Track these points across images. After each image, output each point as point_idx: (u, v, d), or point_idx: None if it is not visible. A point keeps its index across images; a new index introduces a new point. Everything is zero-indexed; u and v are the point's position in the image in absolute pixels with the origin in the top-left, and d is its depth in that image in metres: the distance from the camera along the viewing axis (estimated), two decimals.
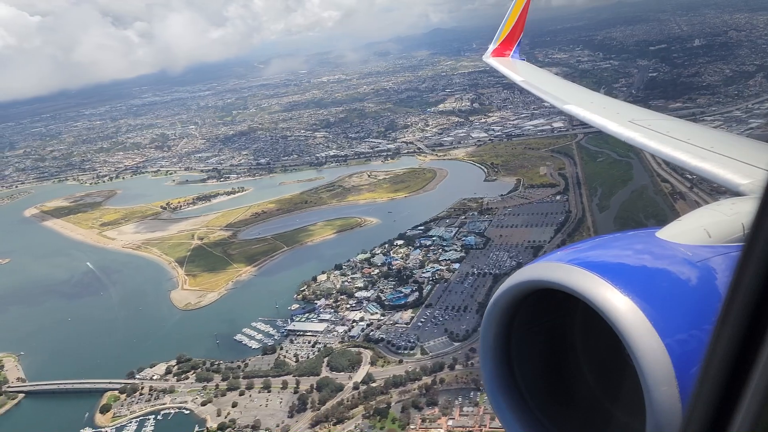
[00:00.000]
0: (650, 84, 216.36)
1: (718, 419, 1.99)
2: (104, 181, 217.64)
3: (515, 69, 20.99)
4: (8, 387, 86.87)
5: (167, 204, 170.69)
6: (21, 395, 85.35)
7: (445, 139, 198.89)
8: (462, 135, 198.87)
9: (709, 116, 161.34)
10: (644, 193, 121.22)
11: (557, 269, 3.70)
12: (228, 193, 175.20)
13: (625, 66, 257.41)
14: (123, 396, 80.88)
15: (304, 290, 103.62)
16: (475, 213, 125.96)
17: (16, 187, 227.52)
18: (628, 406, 4.02)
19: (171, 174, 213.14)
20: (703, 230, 4.48)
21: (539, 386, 4.28)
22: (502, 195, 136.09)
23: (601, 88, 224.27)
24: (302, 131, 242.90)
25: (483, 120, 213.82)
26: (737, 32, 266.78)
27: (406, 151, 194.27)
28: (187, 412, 76.68)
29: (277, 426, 70.70)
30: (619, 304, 3.37)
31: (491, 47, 23.51)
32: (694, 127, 11.30)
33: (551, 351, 4.43)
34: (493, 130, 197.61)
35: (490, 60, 22.90)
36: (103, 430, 74.78)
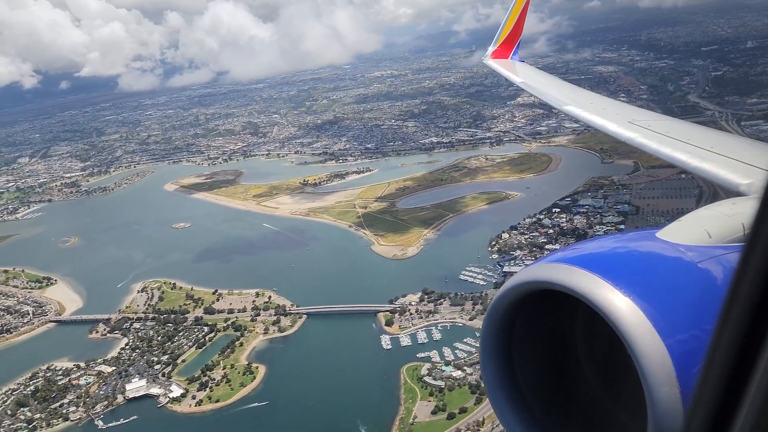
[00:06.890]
0: (718, 81, 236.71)
1: (720, 419, 2.01)
2: (219, 163, 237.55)
3: (514, 70, 21.61)
4: (290, 310, 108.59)
5: (305, 180, 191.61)
6: (304, 316, 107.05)
7: (539, 128, 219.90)
8: (554, 125, 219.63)
9: None
10: None
11: (558, 270, 3.79)
12: (357, 173, 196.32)
13: (681, 65, 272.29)
14: (395, 315, 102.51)
15: (495, 245, 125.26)
16: (617, 187, 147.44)
17: (134, 167, 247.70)
18: (629, 407, 4.10)
19: (283, 157, 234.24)
20: (704, 230, 4.61)
21: (540, 387, 4.35)
22: (628, 174, 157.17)
23: (668, 84, 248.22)
24: (392, 121, 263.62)
25: None
26: None
27: (506, 139, 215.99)
28: (460, 324, 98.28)
29: None
30: (619, 305, 3.45)
31: (490, 49, 23.74)
32: (693, 127, 11.71)
33: (552, 352, 4.52)
34: None
35: (490, 62, 23.02)
36: (398, 335, 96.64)
